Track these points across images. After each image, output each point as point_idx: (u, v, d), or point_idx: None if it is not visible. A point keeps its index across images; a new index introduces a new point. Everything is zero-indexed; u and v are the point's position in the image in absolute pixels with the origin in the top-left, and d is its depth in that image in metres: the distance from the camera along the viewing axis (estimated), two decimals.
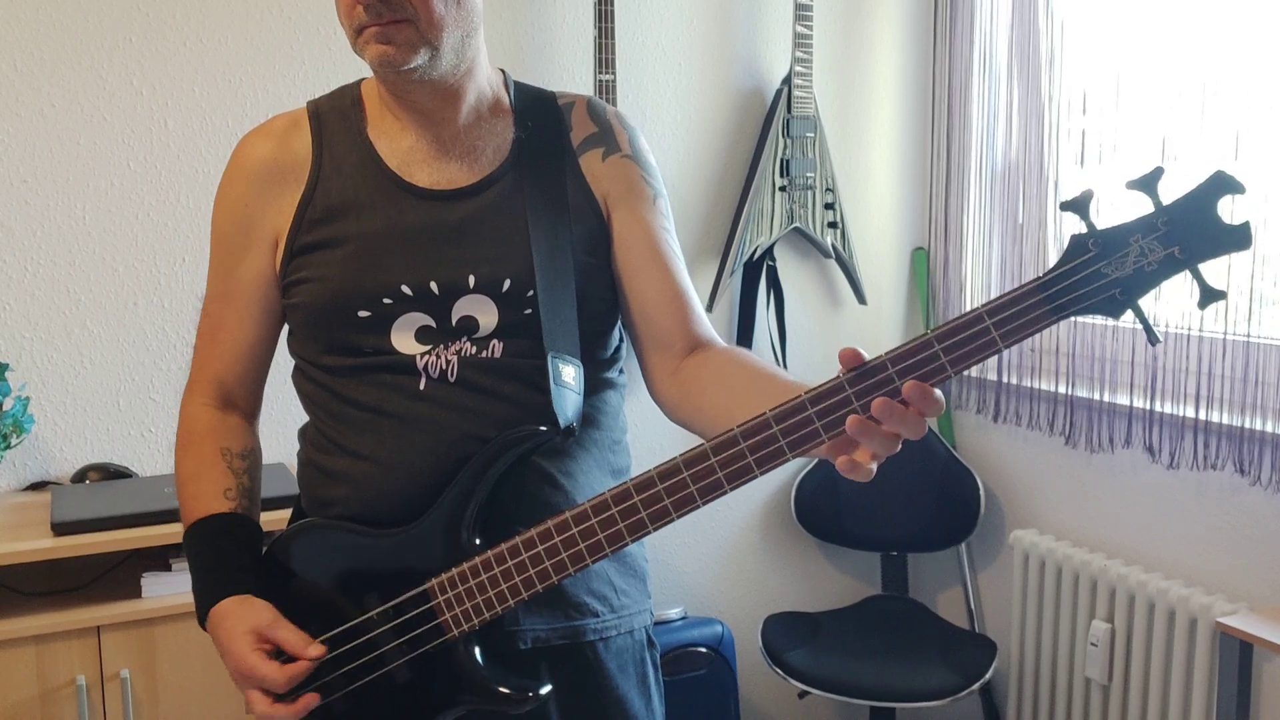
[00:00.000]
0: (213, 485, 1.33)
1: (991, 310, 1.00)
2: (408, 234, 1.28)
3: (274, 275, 1.34)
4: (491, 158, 1.32)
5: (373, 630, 1.24)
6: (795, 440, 1.07)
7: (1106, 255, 0.98)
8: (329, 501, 1.31)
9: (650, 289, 1.34)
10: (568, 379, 1.27)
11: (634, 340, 1.38)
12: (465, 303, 1.27)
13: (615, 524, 1.14)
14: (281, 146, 1.35)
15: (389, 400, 1.27)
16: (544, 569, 1.18)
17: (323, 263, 1.29)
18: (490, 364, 1.27)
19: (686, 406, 1.31)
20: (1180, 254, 0.97)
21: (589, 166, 1.35)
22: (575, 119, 1.37)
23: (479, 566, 1.20)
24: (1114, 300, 0.98)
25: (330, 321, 1.29)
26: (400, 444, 1.26)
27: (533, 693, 1.23)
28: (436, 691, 1.24)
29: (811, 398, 1.06)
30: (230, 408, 1.41)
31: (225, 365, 1.39)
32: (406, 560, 1.24)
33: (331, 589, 1.27)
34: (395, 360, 1.27)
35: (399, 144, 1.32)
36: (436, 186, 1.30)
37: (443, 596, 1.21)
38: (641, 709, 1.37)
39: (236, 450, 1.38)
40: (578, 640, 1.32)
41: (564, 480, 1.30)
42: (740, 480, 1.10)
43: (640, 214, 1.35)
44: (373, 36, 1.23)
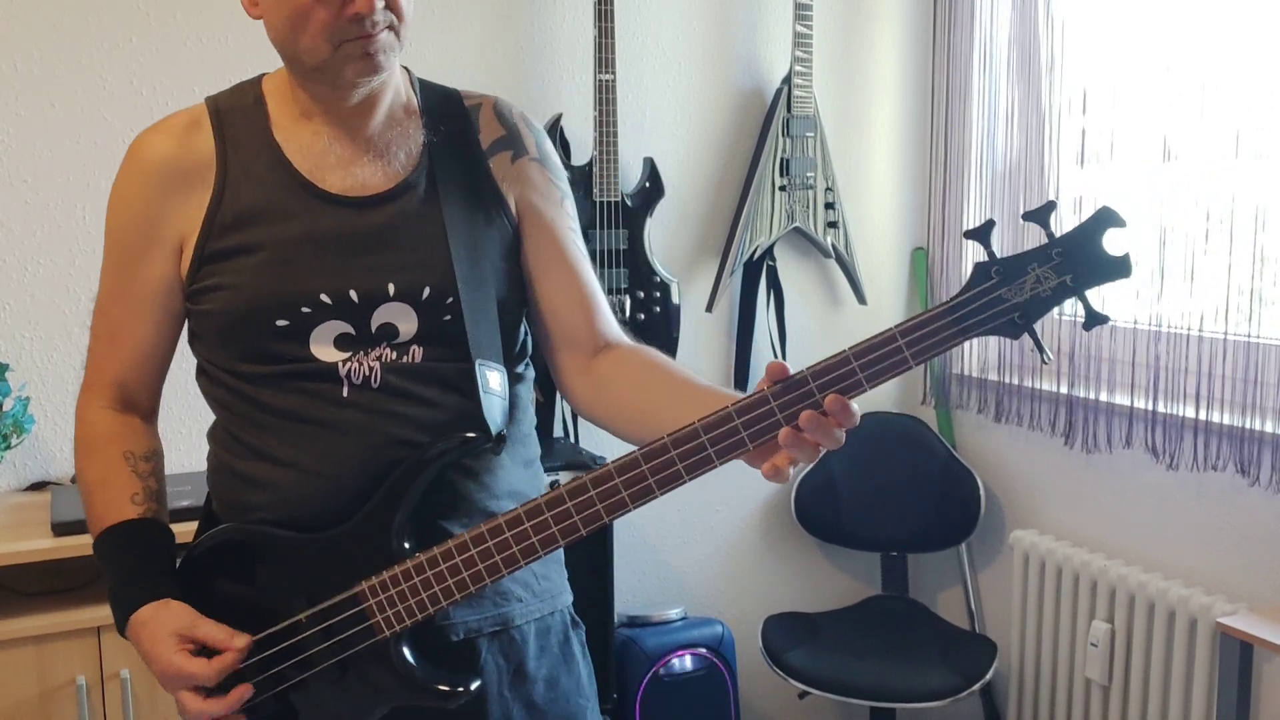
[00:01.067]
0: (120, 491, 1.32)
1: (904, 330, 1.09)
2: (324, 241, 1.26)
3: (177, 279, 1.31)
4: (404, 161, 1.31)
5: (302, 633, 1.25)
6: (723, 449, 1.13)
7: (1007, 282, 1.08)
8: (249, 507, 1.29)
9: (559, 290, 1.36)
10: (494, 386, 1.29)
11: (542, 339, 1.40)
12: (385, 310, 1.26)
13: (548, 527, 1.18)
14: (182, 146, 1.31)
15: (311, 407, 1.26)
16: (477, 571, 1.20)
17: (236, 270, 1.27)
18: (412, 369, 1.27)
19: (600, 406, 1.35)
20: (1071, 281, 1.07)
21: (498, 169, 1.34)
22: (483, 121, 1.36)
23: (411, 570, 1.21)
24: (1013, 324, 1.08)
25: (246, 329, 1.27)
26: (325, 450, 1.26)
27: (463, 687, 1.24)
28: (369, 691, 1.25)
29: (738, 409, 1.12)
30: (130, 409, 1.38)
31: (125, 368, 1.36)
32: (334, 563, 1.24)
33: (257, 593, 1.27)
34: (315, 367, 1.26)
35: (309, 147, 1.29)
36: (350, 192, 1.28)
37: (374, 599, 1.22)
38: (571, 686, 1.40)
39: (140, 453, 1.36)
40: (507, 627, 1.33)
41: (486, 477, 1.31)
42: (670, 485, 1.15)
43: (548, 216, 1.36)
44: (362, 49, 1.21)
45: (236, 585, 1.29)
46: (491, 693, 1.32)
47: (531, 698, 1.35)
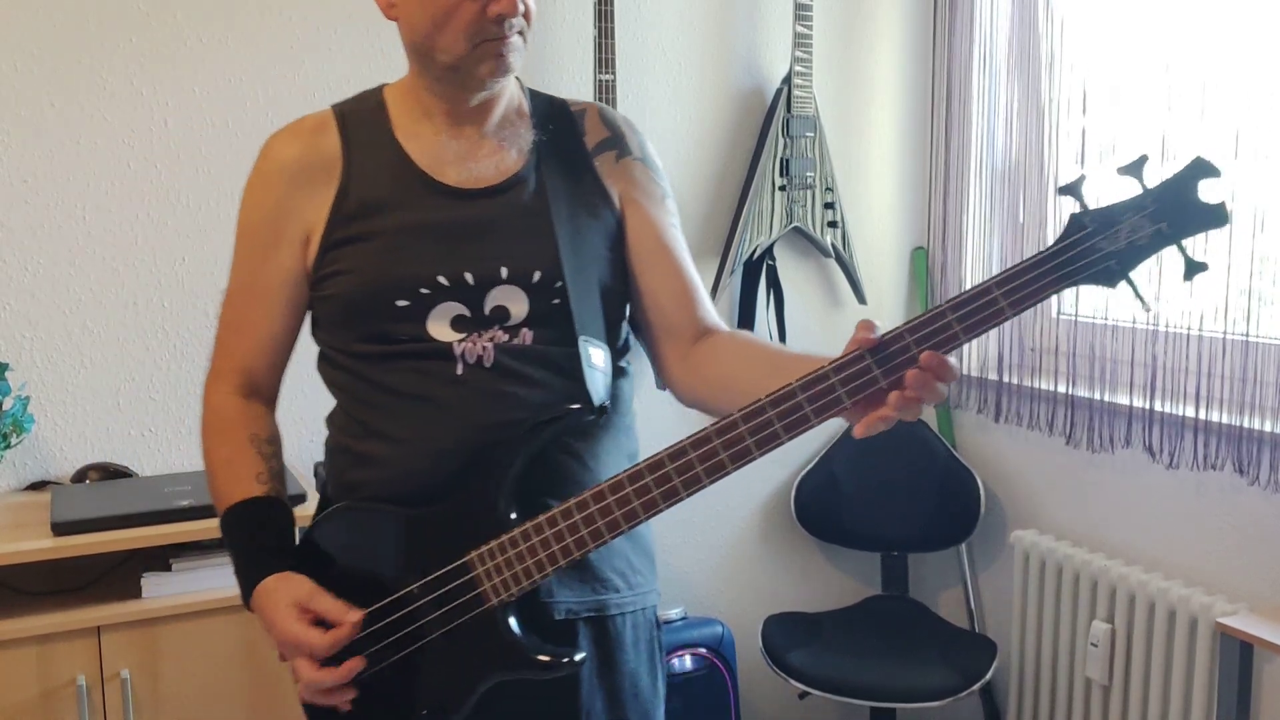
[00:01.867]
0: (246, 470, 1.39)
1: (1001, 281, 1.10)
2: (441, 228, 1.34)
3: (303, 270, 1.40)
4: (515, 158, 1.39)
5: (414, 603, 1.30)
6: (820, 407, 1.15)
7: (1101, 231, 1.09)
8: (361, 484, 1.37)
9: (661, 281, 1.42)
10: (597, 362, 1.36)
11: (645, 331, 1.46)
12: (498, 293, 1.34)
13: (649, 491, 1.21)
14: (311, 146, 1.40)
15: (426, 385, 1.33)
16: (580, 536, 1.24)
17: (358, 255, 1.35)
18: (523, 350, 1.34)
19: (699, 386, 1.39)
20: (1166, 229, 1.08)
21: (603, 167, 1.43)
22: (589, 124, 1.45)
23: (517, 538, 1.26)
24: (1110, 270, 1.10)
25: (367, 311, 1.34)
26: (437, 426, 1.32)
27: (568, 658, 1.29)
28: (476, 661, 1.29)
29: (834, 367, 1.15)
30: (254, 396, 1.46)
31: (251, 355, 1.44)
32: (445, 536, 1.30)
33: (370, 568, 1.33)
34: (432, 347, 1.33)
35: (429, 146, 1.38)
36: (465, 185, 1.37)
37: (482, 567, 1.28)
38: (649, 685, 1.45)
39: (264, 436, 1.43)
40: (603, 614, 1.39)
41: (589, 460, 1.38)
42: (768, 446, 1.17)
43: (650, 211, 1.44)
44: (500, 48, 1.30)
45: (351, 560, 1.35)
46: (583, 676, 1.37)
47: (616, 690, 1.41)
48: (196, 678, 2.03)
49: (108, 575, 2.07)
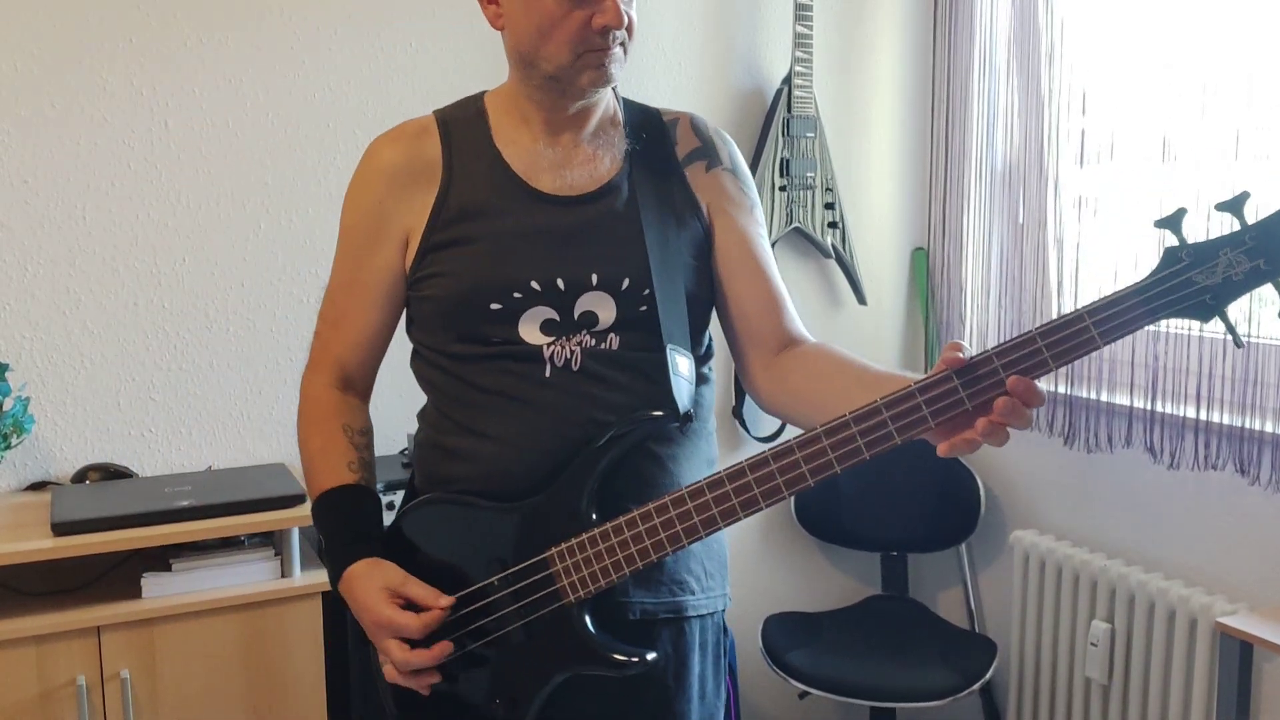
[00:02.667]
0: (339, 459, 1.44)
1: (1092, 311, 1.12)
2: (535, 234, 1.38)
3: (401, 269, 1.43)
4: (609, 167, 1.43)
5: (494, 594, 1.34)
6: (904, 426, 1.17)
7: (1198, 265, 1.10)
8: (450, 478, 1.41)
9: (748, 291, 1.45)
10: (683, 370, 1.38)
11: (731, 337, 1.48)
12: (587, 299, 1.37)
13: (728, 500, 1.24)
14: (413, 150, 1.43)
15: (516, 386, 1.37)
16: (659, 540, 1.27)
17: (456, 259, 1.39)
18: (609, 355, 1.38)
19: (781, 395, 1.42)
20: (1265, 265, 1.09)
21: (693, 177, 1.46)
22: (680, 134, 1.48)
23: (596, 537, 1.29)
24: (1205, 305, 1.11)
25: (463, 313, 1.38)
26: (525, 425, 1.36)
27: (640, 657, 1.31)
28: (551, 655, 1.33)
29: (920, 387, 1.17)
30: (349, 389, 1.51)
31: (348, 350, 1.49)
32: (526, 531, 1.34)
33: (455, 558, 1.38)
34: (522, 349, 1.37)
35: (525, 152, 1.42)
36: (560, 192, 1.40)
37: (561, 564, 1.31)
38: (713, 689, 1.48)
39: (357, 428, 1.48)
40: (678, 615, 1.42)
41: (670, 464, 1.40)
42: (850, 462, 1.19)
43: (739, 221, 1.46)
44: (602, 59, 1.35)
45: (436, 550, 1.39)
46: (656, 675, 1.39)
47: (689, 692, 1.43)
48: (196, 678, 2.03)
49: (107, 575, 2.07)
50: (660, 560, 1.29)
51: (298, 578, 2.11)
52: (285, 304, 2.47)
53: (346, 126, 2.48)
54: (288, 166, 2.45)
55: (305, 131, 2.46)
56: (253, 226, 2.44)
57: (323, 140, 2.47)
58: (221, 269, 2.42)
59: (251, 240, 2.44)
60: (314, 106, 2.47)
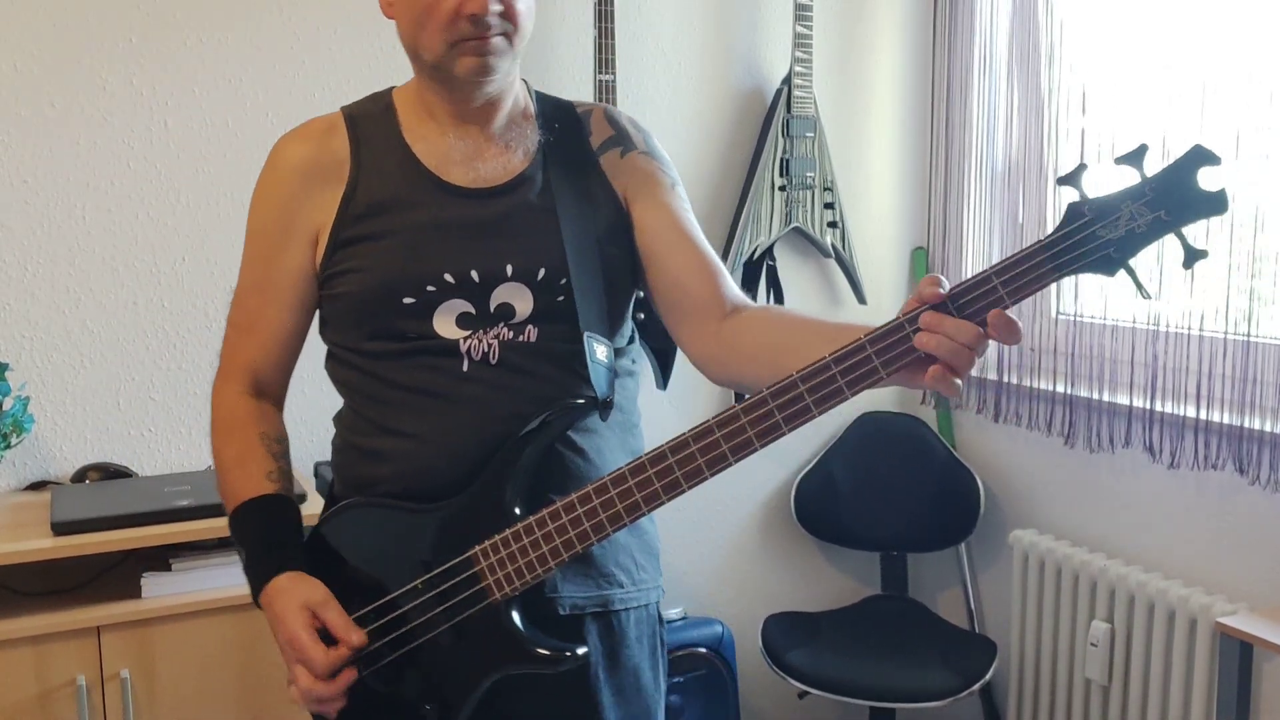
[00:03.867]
0: (256, 469, 1.40)
1: (999, 270, 1.11)
2: (448, 227, 1.36)
3: (312, 269, 1.41)
4: (522, 159, 1.41)
5: (417, 599, 1.32)
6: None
7: (1101, 219, 1.09)
8: (372, 481, 1.38)
9: (681, 262, 1.42)
10: (601, 357, 1.37)
11: (668, 315, 1.45)
12: (503, 290, 1.35)
13: (651, 484, 1.22)
14: (320, 147, 1.41)
15: (434, 382, 1.35)
16: (583, 530, 1.25)
17: (367, 254, 1.36)
18: (528, 347, 1.36)
19: (734, 363, 1.38)
20: (1166, 216, 1.08)
21: (608, 165, 1.44)
22: (594, 124, 1.46)
23: (520, 532, 1.27)
24: (1109, 259, 1.10)
25: (375, 308, 1.36)
26: (445, 422, 1.34)
27: (570, 652, 1.29)
28: (479, 657, 1.30)
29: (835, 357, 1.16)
30: (262, 395, 1.48)
31: (260, 354, 1.46)
32: (451, 532, 1.31)
33: (378, 563, 1.35)
34: (438, 344, 1.35)
35: (436, 146, 1.40)
36: (473, 185, 1.38)
37: (485, 562, 1.29)
38: (651, 681, 1.46)
39: (273, 435, 1.45)
40: (608, 608, 1.40)
41: (594, 455, 1.39)
42: (769, 437, 1.17)
43: (661, 199, 1.44)
44: (474, 49, 1.31)
45: (359, 556, 1.37)
46: (590, 670, 1.38)
47: (621, 684, 1.42)
48: (196, 678, 2.03)
49: (107, 575, 2.07)
50: (587, 552, 1.27)
51: None
52: None
53: None
54: None
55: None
56: None
57: None
58: (221, 269, 2.42)
59: None
60: (314, 106, 2.46)
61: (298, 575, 1.33)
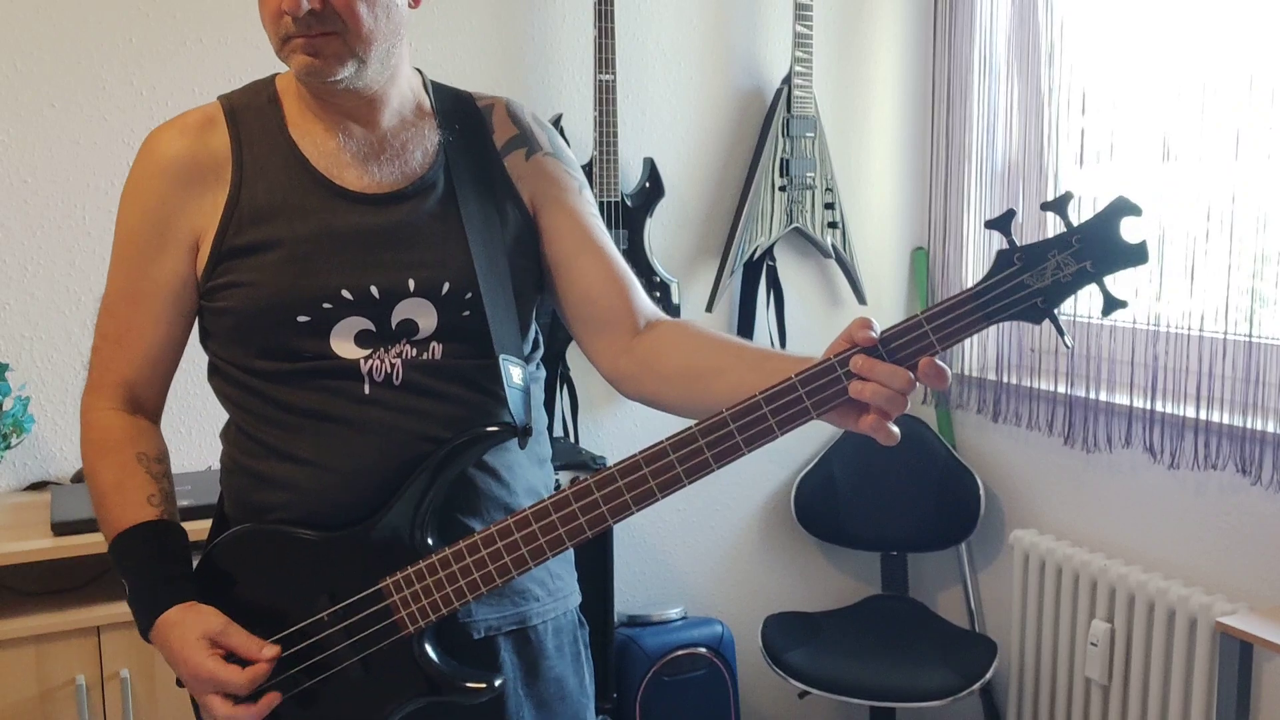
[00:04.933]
0: (136, 493, 1.30)
1: (930, 316, 1.12)
2: (344, 238, 1.26)
3: (191, 277, 1.31)
4: (421, 161, 1.32)
5: (325, 630, 1.25)
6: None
7: (1029, 268, 1.11)
8: (267, 508, 1.29)
9: (589, 273, 1.35)
10: (516, 380, 1.29)
11: (577, 325, 1.39)
12: (405, 306, 1.27)
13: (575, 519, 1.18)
14: (198, 144, 1.30)
15: (332, 405, 1.26)
16: (503, 564, 1.20)
17: (255, 267, 1.26)
18: (433, 366, 1.28)
19: (648, 381, 1.33)
20: (1091, 268, 1.10)
21: (513, 167, 1.36)
22: (496, 121, 1.38)
23: (435, 565, 1.22)
24: (1036, 308, 1.11)
25: (266, 326, 1.26)
26: (347, 448, 1.26)
27: (488, 684, 1.25)
28: (392, 688, 1.25)
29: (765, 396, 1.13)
30: (138, 411, 1.37)
31: (134, 368, 1.34)
32: (357, 561, 1.24)
33: (277, 593, 1.27)
34: (336, 365, 1.26)
35: (324, 145, 1.30)
36: (368, 190, 1.29)
37: (398, 594, 1.23)
38: (576, 686, 1.42)
39: (153, 455, 1.35)
40: (524, 625, 1.35)
41: (506, 474, 1.33)
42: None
43: (568, 205, 1.37)
44: (299, 47, 1.21)
45: (255, 585, 1.28)
46: (508, 690, 1.33)
47: (543, 696, 1.37)
48: None
49: (107, 575, 2.07)
50: (506, 582, 1.21)
51: None
52: None
53: None
54: None
55: None
56: None
57: None
58: None
59: None
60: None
61: (189, 606, 1.25)
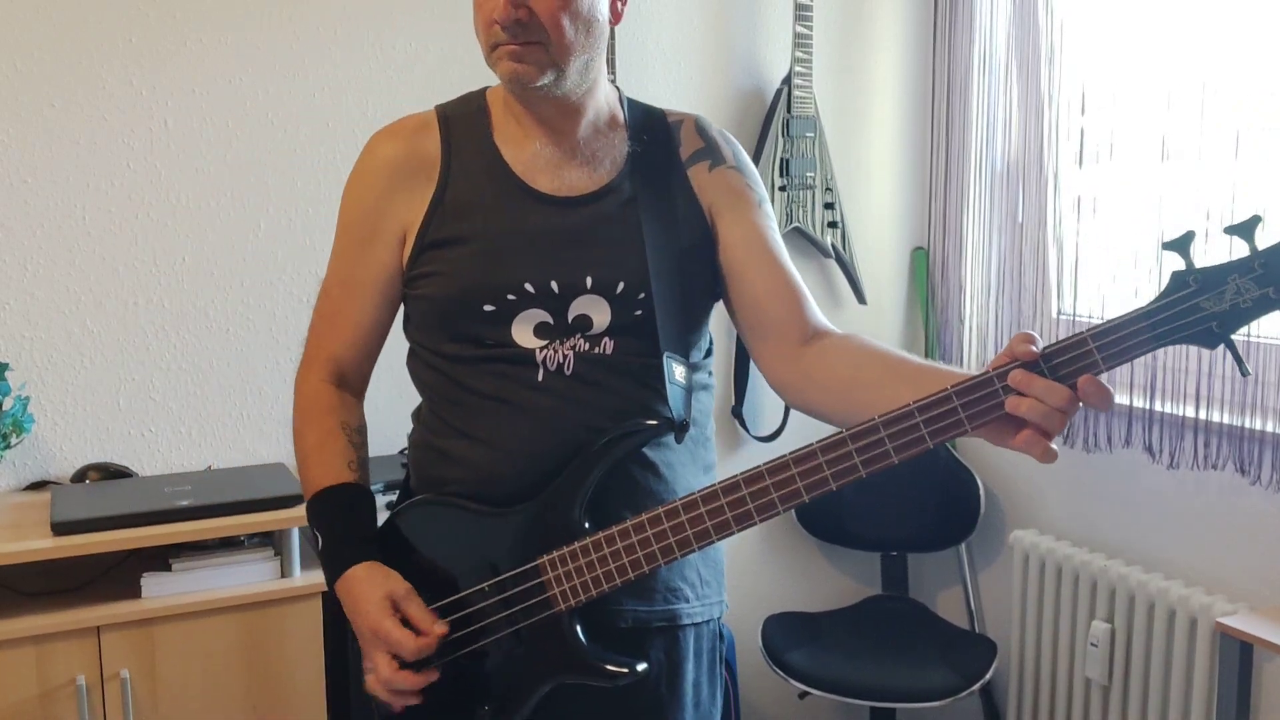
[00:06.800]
0: (337, 457, 1.42)
1: (1096, 334, 1.10)
2: (531, 236, 1.36)
3: (398, 267, 1.42)
4: (609, 168, 1.41)
5: (484, 601, 1.33)
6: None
7: (1205, 291, 1.08)
8: (444, 480, 1.40)
9: (761, 282, 1.42)
10: (679, 377, 1.37)
11: (747, 334, 1.45)
12: (582, 302, 1.35)
13: (723, 513, 1.23)
14: (412, 147, 1.42)
15: (508, 389, 1.36)
16: (651, 551, 1.26)
17: (451, 258, 1.37)
18: (603, 360, 1.36)
19: (812, 390, 1.38)
20: (1275, 294, 1.06)
21: (696, 178, 1.43)
22: (684, 135, 1.46)
23: (589, 546, 1.28)
24: (1211, 332, 1.08)
25: (456, 313, 1.37)
26: (518, 430, 1.35)
27: (630, 668, 1.29)
28: (541, 664, 1.31)
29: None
30: (344, 386, 1.49)
31: (343, 347, 1.47)
32: (518, 538, 1.32)
33: (445, 561, 1.36)
34: (515, 352, 1.36)
35: (523, 151, 1.40)
36: (558, 193, 1.38)
37: (552, 572, 1.30)
38: (708, 697, 1.46)
39: (354, 425, 1.47)
40: (671, 624, 1.40)
41: (665, 471, 1.39)
42: (844, 480, 1.18)
43: (747, 216, 1.44)
44: (506, 54, 1.30)
45: (427, 552, 1.38)
46: (648, 685, 1.38)
47: (680, 701, 1.41)
48: (196, 678, 2.03)
49: (107, 575, 2.07)
50: (654, 571, 1.27)
51: (297, 578, 2.11)
52: (285, 303, 2.47)
53: (346, 126, 2.48)
54: (287, 166, 2.45)
55: (305, 131, 2.46)
56: (252, 226, 2.44)
57: (322, 140, 2.47)
58: (221, 269, 2.42)
59: (251, 240, 2.44)
60: (314, 106, 2.47)
61: (376, 566, 1.34)
